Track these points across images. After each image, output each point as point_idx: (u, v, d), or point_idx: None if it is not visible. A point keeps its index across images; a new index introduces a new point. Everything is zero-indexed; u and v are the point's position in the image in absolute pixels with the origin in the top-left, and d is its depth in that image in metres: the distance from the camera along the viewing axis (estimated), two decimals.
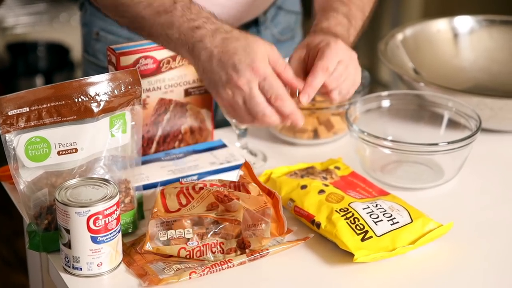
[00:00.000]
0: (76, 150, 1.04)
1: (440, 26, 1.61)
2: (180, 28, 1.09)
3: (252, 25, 1.50)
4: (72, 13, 2.73)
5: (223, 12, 1.29)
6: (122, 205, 1.09)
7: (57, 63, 2.91)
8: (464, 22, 1.61)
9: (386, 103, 1.35)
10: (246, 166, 1.15)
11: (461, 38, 1.61)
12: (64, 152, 1.04)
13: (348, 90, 1.16)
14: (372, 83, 1.43)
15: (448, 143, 1.21)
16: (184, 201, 1.10)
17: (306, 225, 1.14)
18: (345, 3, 1.26)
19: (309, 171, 1.22)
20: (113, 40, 1.45)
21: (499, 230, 1.15)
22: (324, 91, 1.15)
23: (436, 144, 1.22)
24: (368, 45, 3.29)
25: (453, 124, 1.32)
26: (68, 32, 2.92)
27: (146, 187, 1.15)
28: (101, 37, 1.47)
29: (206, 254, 1.06)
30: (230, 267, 1.04)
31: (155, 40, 1.15)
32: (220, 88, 1.06)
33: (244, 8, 1.43)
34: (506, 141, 1.39)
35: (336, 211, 1.11)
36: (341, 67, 1.14)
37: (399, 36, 1.55)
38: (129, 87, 1.07)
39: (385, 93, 1.35)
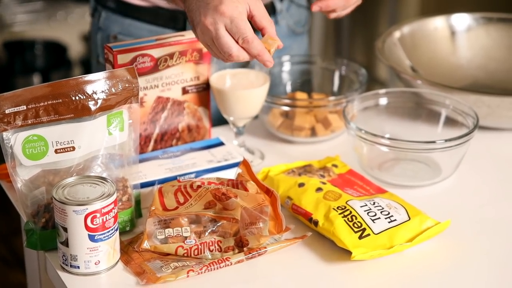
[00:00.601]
0: (74, 148, 1.04)
1: (437, 23, 1.60)
2: None
3: (270, 14, 1.50)
4: (69, 12, 2.73)
5: None
6: (120, 203, 1.08)
7: (55, 61, 2.90)
8: (461, 20, 1.61)
9: (383, 101, 1.35)
10: (245, 164, 1.15)
11: (458, 35, 1.61)
12: (61, 150, 1.04)
13: (343, 10, 1.26)
14: (370, 81, 1.43)
15: (446, 140, 1.21)
16: (181, 199, 1.10)
17: (304, 223, 1.14)
18: None
19: (306, 169, 1.22)
20: None
21: (497, 227, 1.15)
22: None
23: (434, 142, 1.22)
24: (366, 43, 3.29)
25: (450, 121, 1.32)
26: (65, 30, 2.92)
27: (143, 185, 1.15)
28: (119, 39, 1.47)
29: (204, 253, 1.06)
30: (228, 265, 1.04)
31: None
32: (195, 28, 1.10)
33: None
34: (503, 138, 1.39)
35: (333, 209, 1.11)
36: None
37: (396, 34, 1.55)
38: (127, 85, 1.07)
39: (382, 91, 1.35)
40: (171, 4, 1.20)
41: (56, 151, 1.03)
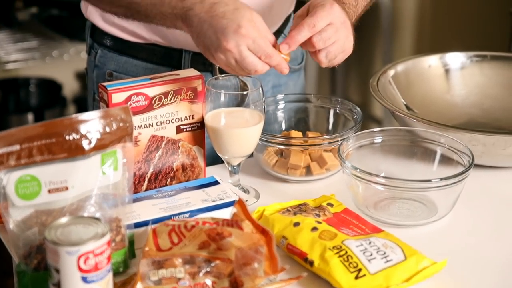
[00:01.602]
0: (67, 188, 1.03)
1: (431, 62, 1.61)
2: (171, 3, 1.19)
3: None
4: (64, 50, 2.73)
5: None
6: (113, 244, 1.07)
7: (49, 100, 2.90)
8: (455, 58, 1.61)
9: (378, 139, 1.35)
10: (240, 203, 1.15)
11: (452, 74, 1.61)
12: (54, 190, 1.03)
13: (335, 55, 1.23)
14: (365, 119, 1.43)
15: (441, 179, 1.21)
16: (176, 240, 1.09)
17: (299, 263, 1.13)
18: None
19: (302, 208, 1.21)
20: None
21: (494, 267, 1.15)
22: (312, 51, 1.23)
23: (429, 181, 1.21)
24: (360, 81, 3.30)
25: (446, 160, 1.32)
26: (60, 68, 2.93)
27: (137, 225, 1.14)
28: (115, 77, 1.47)
29: None
30: None
31: (153, 20, 1.23)
32: (213, 52, 1.17)
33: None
34: (499, 177, 1.39)
35: (329, 248, 1.10)
36: (330, 30, 1.21)
37: (391, 72, 1.56)
38: (121, 124, 1.07)
39: (377, 129, 1.35)
40: (171, 27, 1.23)
41: (49, 191, 1.03)
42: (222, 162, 1.33)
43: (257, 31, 1.16)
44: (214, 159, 1.39)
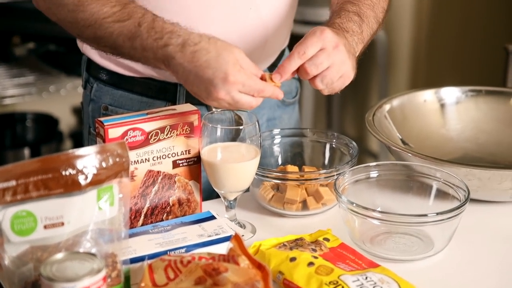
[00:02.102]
0: (63, 223, 1.03)
1: (426, 96, 1.62)
2: (152, 49, 1.20)
3: None
4: (61, 85, 2.74)
5: None
6: (109, 280, 1.07)
7: (46, 135, 2.91)
8: (450, 93, 1.62)
9: (374, 173, 1.35)
10: (236, 238, 1.14)
11: (447, 108, 1.62)
12: (50, 225, 1.03)
13: (331, 79, 1.23)
14: (361, 153, 1.44)
15: (437, 214, 1.21)
16: (172, 275, 1.08)
17: None
18: (355, 3, 1.34)
19: (298, 243, 1.21)
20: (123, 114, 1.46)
21: None
22: (309, 78, 1.23)
23: (425, 215, 1.21)
24: (357, 115, 3.31)
25: (441, 194, 1.32)
26: (57, 103, 2.93)
27: (133, 260, 1.14)
28: (110, 111, 1.48)
29: None
30: None
31: (138, 62, 1.25)
32: (205, 99, 1.19)
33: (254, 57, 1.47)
34: (495, 211, 1.39)
35: (325, 284, 1.09)
36: (322, 55, 1.21)
37: (386, 107, 1.56)
38: (117, 159, 1.07)
39: (373, 163, 1.36)
40: (157, 68, 1.25)
41: (45, 227, 1.02)
42: (219, 196, 1.33)
43: (244, 73, 1.16)
44: (210, 193, 1.39)
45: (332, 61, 1.21)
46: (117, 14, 1.23)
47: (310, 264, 1.14)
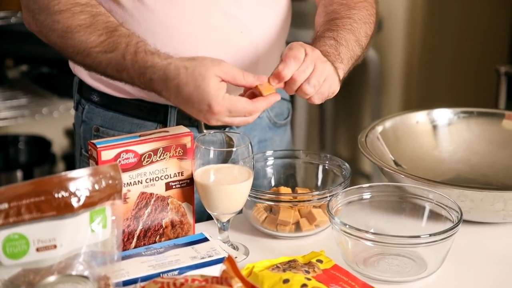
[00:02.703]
0: (55, 246, 1.03)
1: (419, 118, 1.63)
2: (140, 81, 1.23)
3: None
4: (54, 107, 2.74)
5: None
6: None
7: (38, 157, 2.90)
8: (442, 114, 1.63)
9: (367, 195, 1.35)
10: (229, 260, 1.14)
11: (440, 130, 1.62)
12: (43, 248, 1.02)
13: (318, 80, 1.24)
14: (354, 174, 1.44)
15: (430, 235, 1.21)
16: None
17: None
18: (334, 29, 1.35)
19: (291, 265, 1.21)
20: (114, 135, 1.46)
21: None
22: (297, 90, 1.23)
23: (418, 237, 1.21)
24: (349, 136, 3.32)
25: (434, 216, 1.32)
26: (50, 125, 2.93)
27: (126, 283, 1.13)
28: (102, 132, 1.48)
29: None
30: None
31: (133, 87, 1.28)
32: (202, 120, 1.24)
33: None
34: (488, 232, 1.39)
35: None
36: (306, 60, 1.23)
37: (379, 128, 1.57)
38: (110, 181, 1.07)
39: (366, 185, 1.36)
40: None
41: (37, 250, 1.02)
42: (211, 218, 1.33)
43: (229, 100, 1.17)
44: (202, 215, 1.39)
45: (314, 63, 1.23)
46: (104, 44, 1.24)
47: (304, 286, 1.14)
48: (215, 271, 1.17)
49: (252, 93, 1.23)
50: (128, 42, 1.23)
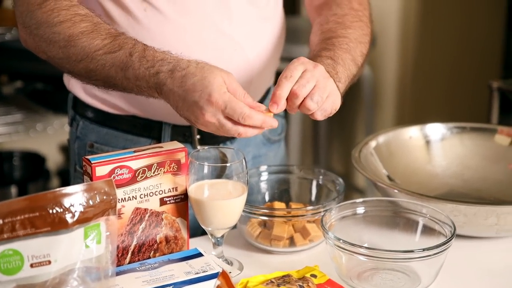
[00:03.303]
0: (50, 262, 1.03)
1: (412, 133, 1.63)
2: (144, 78, 1.21)
3: None
4: (48, 123, 2.75)
5: None
6: None
7: (32, 173, 2.90)
8: (436, 129, 1.64)
9: (361, 210, 1.36)
10: (224, 275, 1.14)
11: (433, 144, 1.63)
12: (37, 264, 1.02)
13: (321, 97, 1.24)
14: (348, 189, 1.45)
15: (424, 250, 1.21)
16: None
17: None
18: (330, 49, 1.35)
19: (285, 280, 1.21)
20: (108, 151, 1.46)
21: None
22: (300, 105, 1.23)
23: (412, 251, 1.22)
24: (343, 151, 3.33)
25: (428, 230, 1.32)
26: (44, 141, 2.93)
27: None
28: (96, 148, 1.48)
29: None
30: None
31: (131, 92, 1.26)
32: (195, 124, 1.20)
33: None
34: (481, 247, 1.39)
35: None
36: (307, 74, 1.23)
37: (373, 143, 1.57)
38: (104, 197, 1.07)
39: (359, 200, 1.36)
40: (150, 97, 1.25)
41: (31, 265, 1.02)
42: (205, 233, 1.33)
43: (229, 96, 1.17)
44: (196, 230, 1.39)
45: (317, 79, 1.23)
46: (108, 46, 1.24)
47: None
48: (209, 286, 1.18)
49: None
50: (135, 43, 1.24)
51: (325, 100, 1.25)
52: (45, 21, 1.28)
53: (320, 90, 1.23)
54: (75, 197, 1.05)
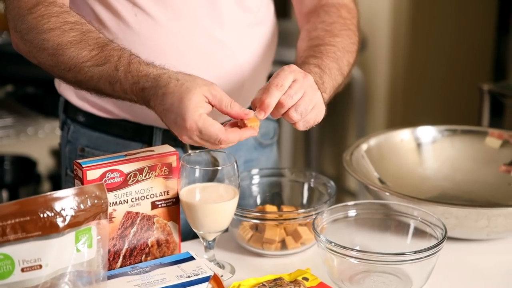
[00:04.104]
0: (41, 266, 1.03)
1: (403, 136, 1.64)
2: (132, 92, 1.21)
3: None
4: (39, 127, 2.74)
5: None
6: None
7: (23, 177, 2.90)
8: (427, 132, 1.64)
9: (352, 212, 1.36)
10: (215, 279, 1.14)
11: (424, 147, 1.64)
12: (28, 269, 1.02)
13: (306, 108, 1.23)
14: (340, 192, 1.44)
15: (415, 252, 1.21)
16: None
17: None
18: (318, 56, 1.34)
19: (277, 283, 1.21)
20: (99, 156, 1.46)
21: None
22: (284, 112, 1.22)
23: (403, 254, 1.22)
24: (335, 154, 3.33)
25: (419, 233, 1.33)
26: (35, 145, 2.93)
27: None
28: (87, 152, 1.48)
29: None
30: None
31: (124, 103, 1.26)
32: (178, 137, 1.19)
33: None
34: (472, 249, 1.39)
35: None
36: (296, 85, 1.22)
37: (364, 146, 1.58)
38: (96, 201, 1.07)
39: (351, 203, 1.36)
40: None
41: (22, 270, 1.02)
42: (196, 236, 1.33)
43: (204, 121, 1.15)
44: (188, 234, 1.39)
45: (304, 90, 1.23)
46: (95, 58, 1.23)
47: None
48: None
49: (235, 122, 1.22)
50: (121, 55, 1.23)
51: (310, 112, 1.24)
52: (35, 27, 1.28)
53: (305, 103, 1.23)
54: (66, 201, 1.05)
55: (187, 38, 1.39)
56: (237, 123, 1.21)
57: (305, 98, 1.23)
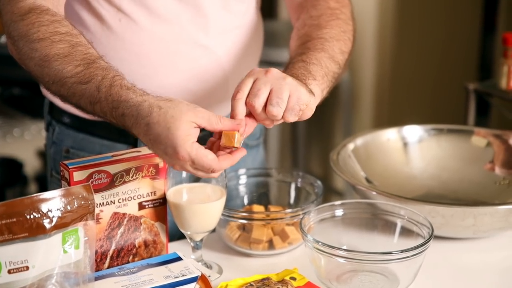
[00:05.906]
0: (28, 268, 1.02)
1: (389, 135, 1.64)
2: (112, 116, 1.17)
3: None
4: (25, 129, 2.73)
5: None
6: None
7: (10, 178, 2.88)
8: (413, 131, 1.65)
9: (339, 212, 1.36)
10: (203, 279, 1.14)
11: (410, 146, 1.64)
12: (15, 270, 1.02)
13: (281, 98, 1.18)
14: (327, 191, 1.45)
15: (402, 251, 1.22)
16: None
17: None
18: (304, 52, 1.32)
19: (264, 283, 1.22)
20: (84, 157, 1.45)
21: None
22: (259, 113, 1.19)
23: (390, 253, 1.22)
24: (322, 154, 3.34)
25: (406, 232, 1.33)
26: (21, 146, 2.92)
27: None
28: (72, 153, 1.48)
29: None
30: None
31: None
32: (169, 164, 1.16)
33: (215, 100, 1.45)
34: (459, 247, 1.40)
35: None
36: (258, 82, 1.19)
37: (351, 146, 1.58)
38: (82, 202, 1.07)
39: (338, 202, 1.37)
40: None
41: (9, 272, 1.02)
42: (184, 237, 1.33)
43: (195, 150, 1.12)
44: (175, 234, 1.39)
45: (270, 83, 1.18)
46: (80, 75, 1.19)
47: None
48: None
49: (213, 141, 1.19)
50: (105, 75, 1.18)
51: (289, 100, 1.19)
52: (25, 35, 1.25)
53: (276, 93, 1.18)
54: (52, 203, 1.04)
55: (171, 43, 1.39)
56: (215, 141, 1.18)
57: (274, 89, 1.18)
